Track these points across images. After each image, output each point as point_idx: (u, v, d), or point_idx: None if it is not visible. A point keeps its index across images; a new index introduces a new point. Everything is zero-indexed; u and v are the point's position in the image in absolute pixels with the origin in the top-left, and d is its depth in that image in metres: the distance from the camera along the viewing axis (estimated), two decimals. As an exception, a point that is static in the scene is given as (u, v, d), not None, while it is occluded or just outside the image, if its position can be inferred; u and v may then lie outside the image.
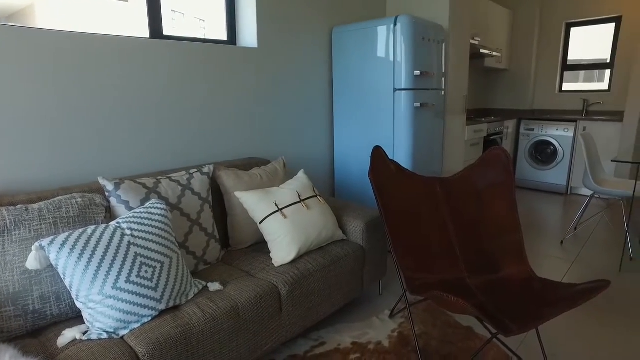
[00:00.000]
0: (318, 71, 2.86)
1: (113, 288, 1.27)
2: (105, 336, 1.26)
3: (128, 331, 1.29)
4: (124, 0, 2.10)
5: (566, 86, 4.82)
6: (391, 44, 2.57)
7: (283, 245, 1.77)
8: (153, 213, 1.50)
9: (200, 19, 2.52)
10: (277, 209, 1.82)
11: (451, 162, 3.25)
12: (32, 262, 1.25)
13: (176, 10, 2.33)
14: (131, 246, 1.35)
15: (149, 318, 1.33)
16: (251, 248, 2.00)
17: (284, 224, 1.79)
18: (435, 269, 1.82)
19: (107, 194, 1.58)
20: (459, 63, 3.14)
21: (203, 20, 2.53)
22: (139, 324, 1.31)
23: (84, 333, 1.28)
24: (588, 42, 4.60)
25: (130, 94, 1.93)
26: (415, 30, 2.54)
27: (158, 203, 1.55)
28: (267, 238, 1.82)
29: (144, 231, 1.42)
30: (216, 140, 2.31)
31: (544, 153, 4.52)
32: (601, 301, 2.18)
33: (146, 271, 1.34)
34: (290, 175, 2.72)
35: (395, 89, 2.62)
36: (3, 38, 1.54)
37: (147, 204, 1.54)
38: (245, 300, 1.49)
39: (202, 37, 2.41)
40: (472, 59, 4.37)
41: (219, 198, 2.01)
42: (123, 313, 1.28)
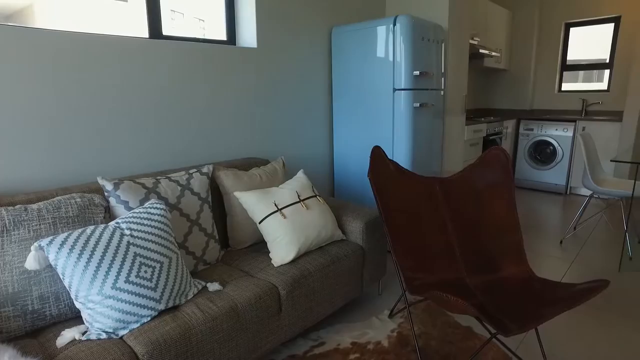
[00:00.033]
0: (317, 71, 2.86)
1: (112, 288, 1.27)
2: (104, 336, 1.26)
3: (127, 331, 1.29)
4: (123, 0, 2.10)
5: (565, 86, 4.83)
6: (390, 44, 2.58)
7: (282, 245, 1.77)
8: (152, 213, 1.50)
9: (199, 19, 2.51)
10: (277, 209, 1.82)
11: (450, 162, 3.25)
12: (31, 262, 1.25)
13: (175, 10, 2.33)
14: (130, 246, 1.35)
15: (149, 318, 1.33)
16: (250, 248, 2.00)
17: (283, 224, 1.79)
18: (434, 269, 1.82)
19: (106, 194, 1.58)
20: (459, 63, 3.15)
21: (202, 20, 2.53)
22: (139, 324, 1.31)
23: (83, 333, 1.28)
24: (587, 42, 4.60)
25: (129, 94, 1.92)
26: (414, 30, 2.54)
27: (157, 203, 1.55)
28: (267, 238, 1.82)
29: (143, 231, 1.42)
30: (215, 140, 2.31)
31: (543, 153, 4.52)
32: (600, 301, 2.18)
33: (145, 271, 1.34)
34: (289, 175, 2.72)
35: (394, 89, 2.62)
36: (2, 38, 1.54)
37: (147, 204, 1.54)
38: (244, 300, 1.49)
39: (202, 37, 2.41)
40: (472, 59, 4.37)
41: (219, 198, 2.01)
42: (122, 313, 1.28)
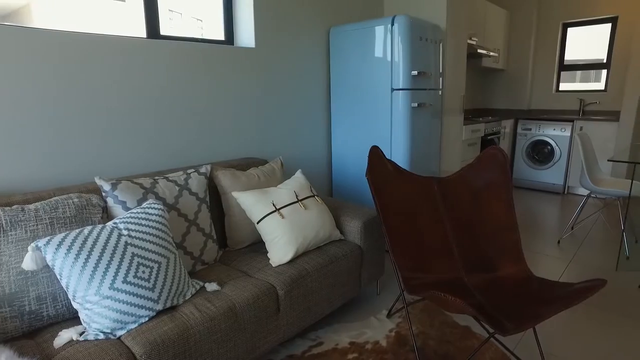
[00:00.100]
0: (315, 71, 2.86)
1: (110, 288, 1.27)
2: (102, 337, 1.26)
3: (125, 332, 1.29)
4: (121, 0, 2.09)
5: (563, 86, 4.84)
6: (388, 44, 2.58)
7: (280, 245, 1.77)
8: (150, 213, 1.49)
9: (197, 19, 2.51)
10: (275, 209, 1.82)
11: (448, 162, 3.25)
12: (28, 263, 1.25)
13: (173, 10, 2.32)
14: (128, 246, 1.35)
15: (146, 318, 1.33)
16: (248, 248, 1.99)
17: (282, 224, 1.79)
18: (432, 269, 1.83)
19: (104, 194, 1.57)
20: (457, 63, 3.15)
21: (200, 20, 2.52)
22: (136, 325, 1.31)
23: (81, 334, 1.28)
24: (585, 43, 4.61)
25: (126, 94, 1.92)
26: (412, 30, 2.54)
27: (155, 203, 1.55)
28: (265, 238, 1.82)
29: (141, 231, 1.41)
30: (213, 140, 2.31)
31: (541, 153, 4.53)
32: (598, 300, 2.18)
33: (143, 271, 1.34)
34: (287, 175, 2.72)
35: (392, 89, 2.62)
36: (-1, 38, 1.54)
37: (144, 204, 1.54)
38: (242, 300, 1.49)
39: (200, 37, 2.40)
40: (470, 59, 4.38)
41: (217, 198, 2.00)
42: (120, 313, 1.28)
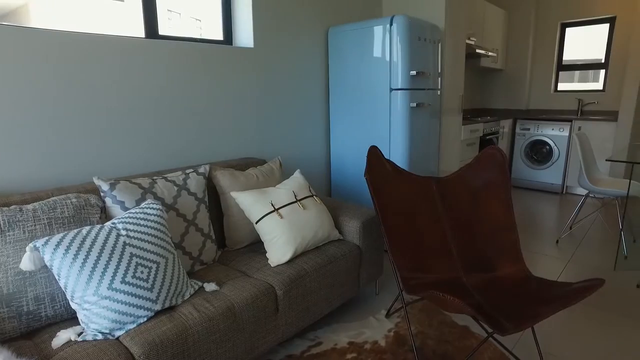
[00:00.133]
0: (314, 71, 2.86)
1: (108, 289, 1.27)
2: (100, 337, 1.26)
3: (123, 332, 1.28)
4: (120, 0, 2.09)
5: (561, 86, 4.85)
6: (387, 44, 2.58)
7: (279, 245, 1.77)
8: (149, 213, 1.49)
9: (196, 19, 2.51)
10: (273, 209, 1.82)
11: (447, 162, 3.25)
12: (27, 263, 1.25)
13: (172, 10, 2.32)
14: (126, 247, 1.35)
15: (145, 319, 1.33)
16: (247, 248, 1.99)
17: (280, 224, 1.79)
18: (431, 269, 1.83)
19: (103, 195, 1.57)
20: (455, 63, 3.15)
21: (199, 20, 2.52)
22: (135, 325, 1.30)
23: (79, 334, 1.27)
24: (583, 43, 4.62)
25: (126, 94, 1.92)
26: (411, 30, 2.54)
27: (154, 203, 1.54)
28: (263, 238, 1.82)
29: (140, 231, 1.41)
30: (212, 140, 2.31)
31: (540, 152, 4.54)
32: (596, 299, 2.19)
33: (142, 272, 1.34)
34: (286, 175, 2.72)
35: (391, 89, 2.62)
36: (-3, 37, 1.54)
37: (143, 204, 1.54)
38: (241, 300, 1.49)
39: (198, 37, 2.40)
40: (468, 59, 4.39)
41: (215, 198, 2.00)
42: (118, 314, 1.27)
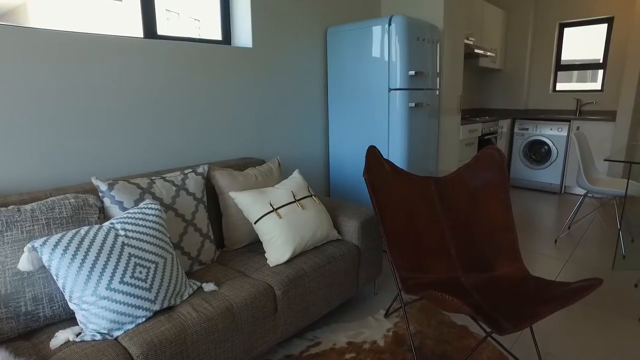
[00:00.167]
0: (313, 71, 2.86)
1: (107, 289, 1.26)
2: (98, 337, 1.26)
3: (122, 332, 1.28)
4: (118, -1, 2.09)
5: (560, 86, 4.86)
6: (386, 44, 2.58)
7: (278, 245, 1.77)
8: (147, 213, 1.49)
9: (195, 19, 2.51)
10: (272, 209, 1.82)
11: (446, 162, 3.26)
12: (25, 264, 1.24)
13: (171, 9, 2.32)
14: (125, 247, 1.34)
15: (143, 319, 1.32)
16: (246, 248, 1.99)
17: (279, 224, 1.79)
18: (430, 268, 1.83)
19: (101, 195, 1.57)
20: (454, 63, 3.16)
21: (198, 20, 2.52)
22: (133, 325, 1.30)
23: (78, 334, 1.27)
24: (581, 43, 4.63)
25: (125, 94, 1.91)
26: (409, 30, 2.54)
27: (152, 203, 1.54)
28: (262, 238, 1.82)
29: (138, 232, 1.41)
30: (211, 140, 2.31)
31: (538, 152, 4.55)
32: (594, 299, 2.19)
33: (140, 272, 1.34)
34: (285, 175, 2.72)
35: (389, 89, 2.62)
36: (-6, 37, 1.53)
37: (141, 205, 1.53)
38: (240, 300, 1.49)
39: (197, 37, 2.40)
40: (467, 59, 4.39)
41: (214, 198, 2.00)
42: (117, 314, 1.27)
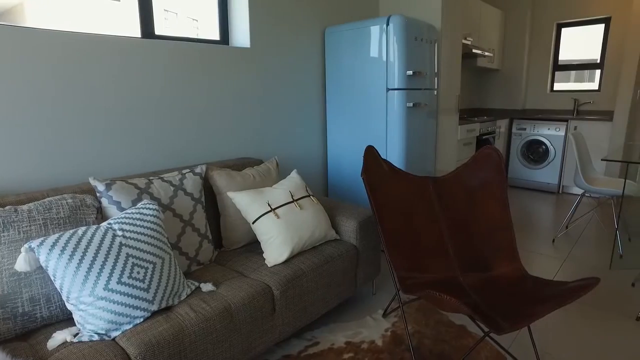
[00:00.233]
0: (311, 71, 2.86)
1: (104, 289, 1.26)
2: (96, 338, 1.25)
3: (120, 332, 1.28)
4: (116, -1, 2.08)
5: (557, 86, 4.87)
6: (384, 44, 2.58)
7: (276, 245, 1.77)
8: (145, 214, 1.49)
9: (193, 19, 2.50)
10: (270, 209, 1.82)
11: (444, 162, 3.26)
12: (22, 264, 1.24)
13: (169, 9, 2.32)
14: (123, 247, 1.34)
15: (141, 319, 1.32)
16: (244, 248, 1.99)
17: (277, 224, 1.79)
18: (428, 268, 1.83)
19: (98, 195, 1.56)
20: (452, 63, 3.16)
21: (196, 20, 2.52)
22: (131, 325, 1.30)
23: (75, 335, 1.27)
24: (578, 43, 4.65)
25: (124, 94, 1.91)
26: (407, 30, 2.54)
27: (150, 203, 1.54)
28: (260, 238, 1.82)
29: (136, 232, 1.41)
30: (209, 140, 2.30)
31: (536, 152, 4.56)
32: (592, 298, 2.20)
33: (138, 272, 1.33)
34: (283, 175, 2.72)
35: (387, 89, 2.62)
36: (-9, 37, 1.53)
37: (139, 205, 1.53)
38: (238, 300, 1.49)
39: (195, 37, 2.40)
40: (465, 59, 4.40)
41: (212, 198, 2.00)
42: (114, 314, 1.27)
